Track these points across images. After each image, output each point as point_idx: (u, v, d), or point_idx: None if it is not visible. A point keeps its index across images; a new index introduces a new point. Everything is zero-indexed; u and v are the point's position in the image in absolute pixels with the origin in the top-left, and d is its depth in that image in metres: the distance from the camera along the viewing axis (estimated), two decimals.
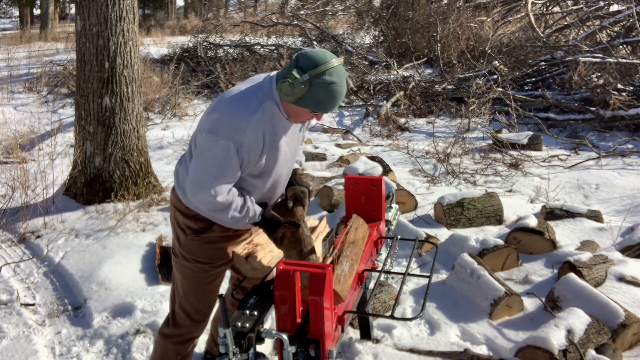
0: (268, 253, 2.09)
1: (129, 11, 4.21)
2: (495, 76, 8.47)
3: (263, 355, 1.71)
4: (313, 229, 2.34)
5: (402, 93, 8.34)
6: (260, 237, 2.17)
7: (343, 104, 8.66)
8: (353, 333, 2.76)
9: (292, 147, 1.98)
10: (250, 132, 1.75)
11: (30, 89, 9.31)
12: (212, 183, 1.78)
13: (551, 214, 4.08)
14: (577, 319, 2.56)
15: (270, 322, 2.87)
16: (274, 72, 1.88)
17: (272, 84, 1.84)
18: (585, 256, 3.24)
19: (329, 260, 1.96)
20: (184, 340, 2.15)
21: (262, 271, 2.03)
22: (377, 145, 6.61)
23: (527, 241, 3.57)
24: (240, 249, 2.08)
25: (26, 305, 3.12)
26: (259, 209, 1.94)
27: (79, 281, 3.32)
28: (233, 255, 2.08)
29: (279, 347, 1.69)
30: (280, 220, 1.95)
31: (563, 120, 7.26)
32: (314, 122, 2.00)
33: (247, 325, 1.68)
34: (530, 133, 6.39)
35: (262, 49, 11.50)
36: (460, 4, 12.22)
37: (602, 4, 10.32)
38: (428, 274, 2.11)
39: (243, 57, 11.08)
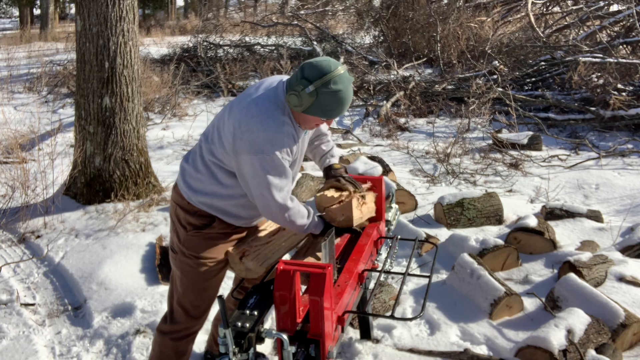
0: (262, 254, 2.08)
1: (129, 11, 4.21)
2: (495, 76, 8.46)
3: (263, 355, 1.71)
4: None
5: (402, 93, 8.33)
6: (257, 238, 2.16)
7: None
8: (353, 333, 2.76)
9: (302, 150, 2.07)
10: (285, 142, 1.85)
11: (30, 89, 9.31)
12: (278, 195, 1.88)
13: (551, 214, 4.08)
14: (577, 319, 2.56)
15: (270, 322, 2.87)
16: (286, 77, 1.95)
17: (284, 91, 1.91)
18: (585, 256, 3.23)
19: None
20: (182, 336, 2.17)
21: (256, 272, 2.02)
22: (377, 145, 6.61)
23: (527, 241, 3.57)
24: (235, 248, 2.08)
25: (26, 305, 3.12)
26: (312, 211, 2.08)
27: (79, 281, 3.32)
28: (227, 255, 2.08)
29: (279, 347, 1.69)
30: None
31: (563, 120, 7.26)
32: (323, 127, 2.16)
33: (247, 325, 1.68)
34: (530, 133, 6.38)
35: (262, 49, 11.51)
36: (460, 4, 12.22)
37: (602, 4, 10.31)
38: (428, 274, 2.11)
39: (243, 57, 11.09)
